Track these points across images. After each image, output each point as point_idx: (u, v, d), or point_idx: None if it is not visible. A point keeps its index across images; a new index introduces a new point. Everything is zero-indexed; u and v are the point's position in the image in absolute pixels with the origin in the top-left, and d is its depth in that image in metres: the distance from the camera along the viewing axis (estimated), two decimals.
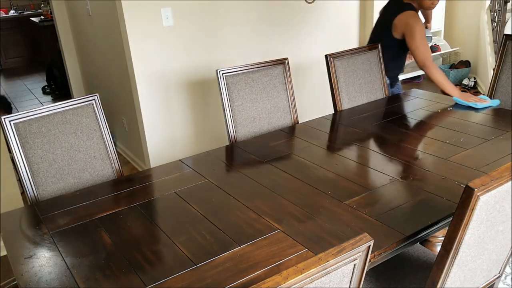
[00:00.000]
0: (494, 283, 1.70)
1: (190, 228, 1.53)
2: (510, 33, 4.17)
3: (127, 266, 1.36)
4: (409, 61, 3.19)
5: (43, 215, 1.67)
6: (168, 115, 3.25)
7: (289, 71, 2.51)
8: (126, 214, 1.65)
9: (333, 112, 2.63)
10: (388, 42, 2.81)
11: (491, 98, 2.65)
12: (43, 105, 1.97)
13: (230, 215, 1.60)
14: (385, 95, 2.81)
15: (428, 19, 3.45)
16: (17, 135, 1.83)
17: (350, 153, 2.08)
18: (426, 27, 3.56)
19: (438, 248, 1.35)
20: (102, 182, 1.98)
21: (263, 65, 2.44)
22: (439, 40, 5.31)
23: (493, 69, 2.70)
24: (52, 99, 5.98)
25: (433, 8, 2.93)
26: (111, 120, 3.93)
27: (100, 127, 2.02)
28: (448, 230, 1.29)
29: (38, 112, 1.88)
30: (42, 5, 6.90)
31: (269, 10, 3.48)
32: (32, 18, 6.83)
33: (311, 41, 3.79)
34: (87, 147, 1.99)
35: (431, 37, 3.98)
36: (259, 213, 1.60)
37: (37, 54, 7.52)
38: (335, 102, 2.63)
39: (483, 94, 3.22)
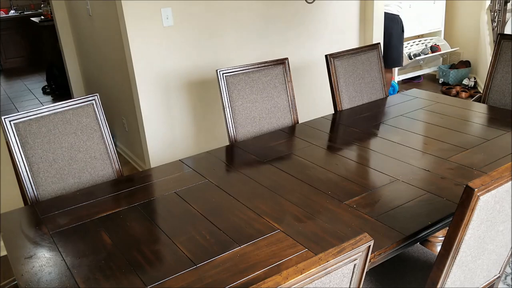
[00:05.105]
0: (494, 283, 1.70)
1: (190, 228, 1.54)
2: (510, 33, 4.18)
3: (127, 266, 1.36)
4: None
5: (43, 215, 1.67)
6: (168, 115, 3.25)
7: (289, 71, 2.51)
8: (126, 214, 1.65)
9: (333, 112, 2.63)
10: None
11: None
12: (43, 105, 1.97)
13: (230, 215, 1.60)
14: (385, 95, 2.81)
15: None
16: (17, 135, 1.83)
17: (350, 153, 2.08)
18: None
19: (438, 248, 1.36)
20: (102, 182, 1.98)
21: (263, 65, 2.44)
22: (439, 40, 5.31)
23: (488, 69, 2.71)
24: (52, 99, 5.98)
25: None
26: (111, 120, 3.93)
27: (100, 127, 2.02)
28: (448, 230, 1.29)
29: (38, 112, 1.88)
30: (42, 5, 6.90)
31: (269, 10, 3.48)
32: (32, 18, 6.81)
33: (311, 41, 3.79)
34: (87, 147, 1.99)
35: None
36: (259, 213, 1.60)
37: (37, 54, 7.51)
38: (335, 102, 2.63)
39: None
